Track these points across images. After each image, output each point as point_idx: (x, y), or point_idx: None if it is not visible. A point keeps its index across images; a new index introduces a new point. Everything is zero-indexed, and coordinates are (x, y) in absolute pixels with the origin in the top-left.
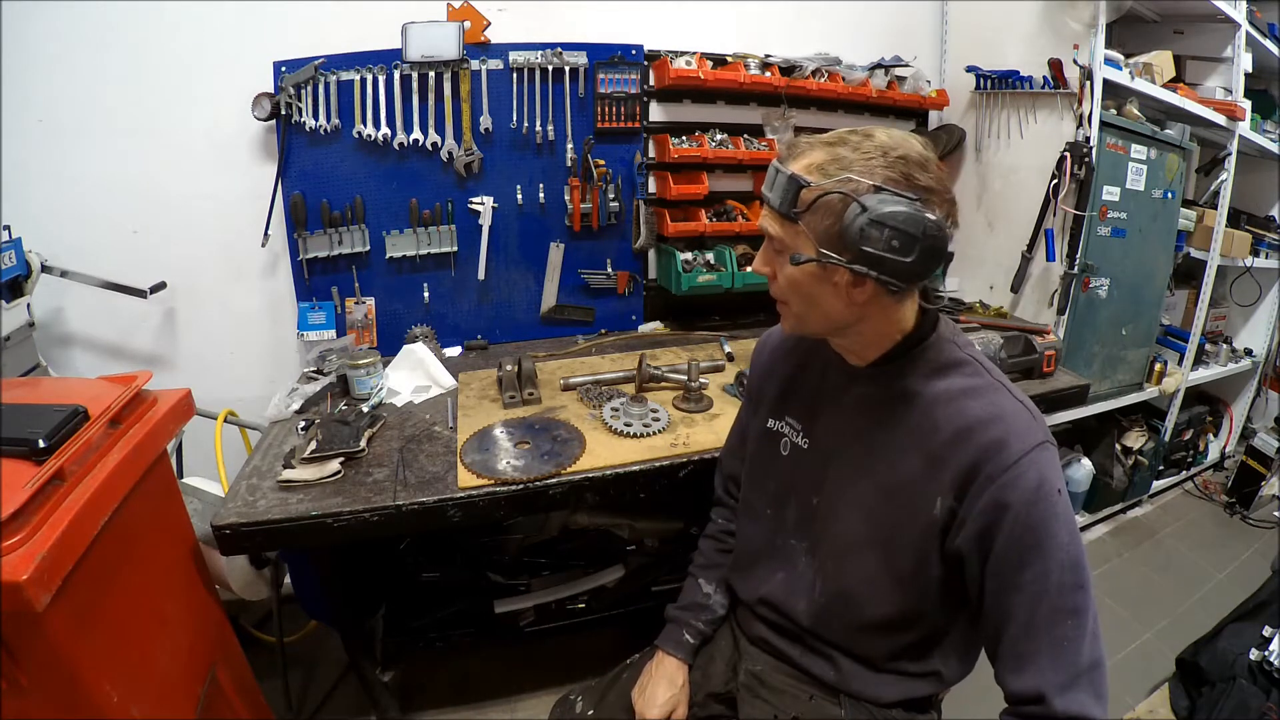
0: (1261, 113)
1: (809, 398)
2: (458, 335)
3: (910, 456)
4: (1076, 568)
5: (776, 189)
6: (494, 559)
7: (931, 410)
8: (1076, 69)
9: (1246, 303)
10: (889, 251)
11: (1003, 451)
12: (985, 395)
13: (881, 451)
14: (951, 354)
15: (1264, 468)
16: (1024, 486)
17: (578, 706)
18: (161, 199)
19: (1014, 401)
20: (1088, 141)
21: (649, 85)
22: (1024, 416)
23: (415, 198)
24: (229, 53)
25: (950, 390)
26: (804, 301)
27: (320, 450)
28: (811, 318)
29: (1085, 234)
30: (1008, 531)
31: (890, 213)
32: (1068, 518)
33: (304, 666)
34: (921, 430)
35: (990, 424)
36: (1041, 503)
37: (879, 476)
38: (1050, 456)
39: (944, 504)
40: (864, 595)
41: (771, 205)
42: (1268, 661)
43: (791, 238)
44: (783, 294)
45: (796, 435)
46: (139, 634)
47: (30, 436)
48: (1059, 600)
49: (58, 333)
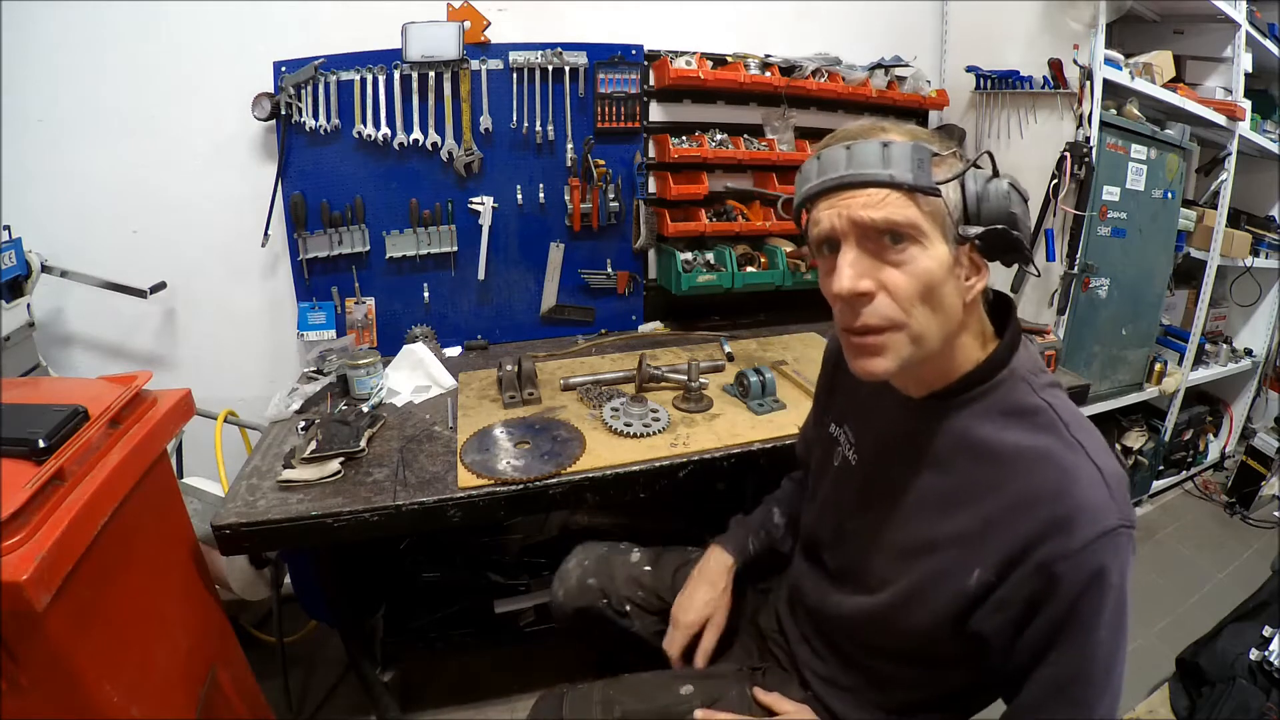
0: (1261, 113)
1: (865, 414)
2: (458, 335)
3: (958, 515)
4: (1108, 666)
5: (898, 161)
6: (494, 559)
7: (993, 467)
8: (1076, 69)
9: (1246, 303)
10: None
11: (1066, 535)
12: (1058, 459)
13: (927, 501)
14: (1023, 398)
15: (1264, 468)
16: (1079, 578)
17: (634, 555)
18: (161, 199)
19: (1091, 470)
20: (1088, 141)
21: (649, 85)
22: (1100, 491)
23: (415, 198)
24: (229, 53)
25: (1019, 447)
26: (932, 309)
27: (320, 450)
28: (933, 333)
29: (1085, 234)
30: (1047, 617)
31: (993, 180)
32: (1118, 616)
33: (304, 666)
34: (978, 487)
35: (1058, 499)
36: (1093, 598)
37: (917, 528)
38: (1121, 545)
39: (981, 578)
40: (867, 633)
41: (893, 181)
42: (1268, 661)
43: (926, 219)
44: (903, 309)
45: (849, 450)
46: (139, 634)
47: (30, 436)
48: (1078, 691)
49: (58, 333)
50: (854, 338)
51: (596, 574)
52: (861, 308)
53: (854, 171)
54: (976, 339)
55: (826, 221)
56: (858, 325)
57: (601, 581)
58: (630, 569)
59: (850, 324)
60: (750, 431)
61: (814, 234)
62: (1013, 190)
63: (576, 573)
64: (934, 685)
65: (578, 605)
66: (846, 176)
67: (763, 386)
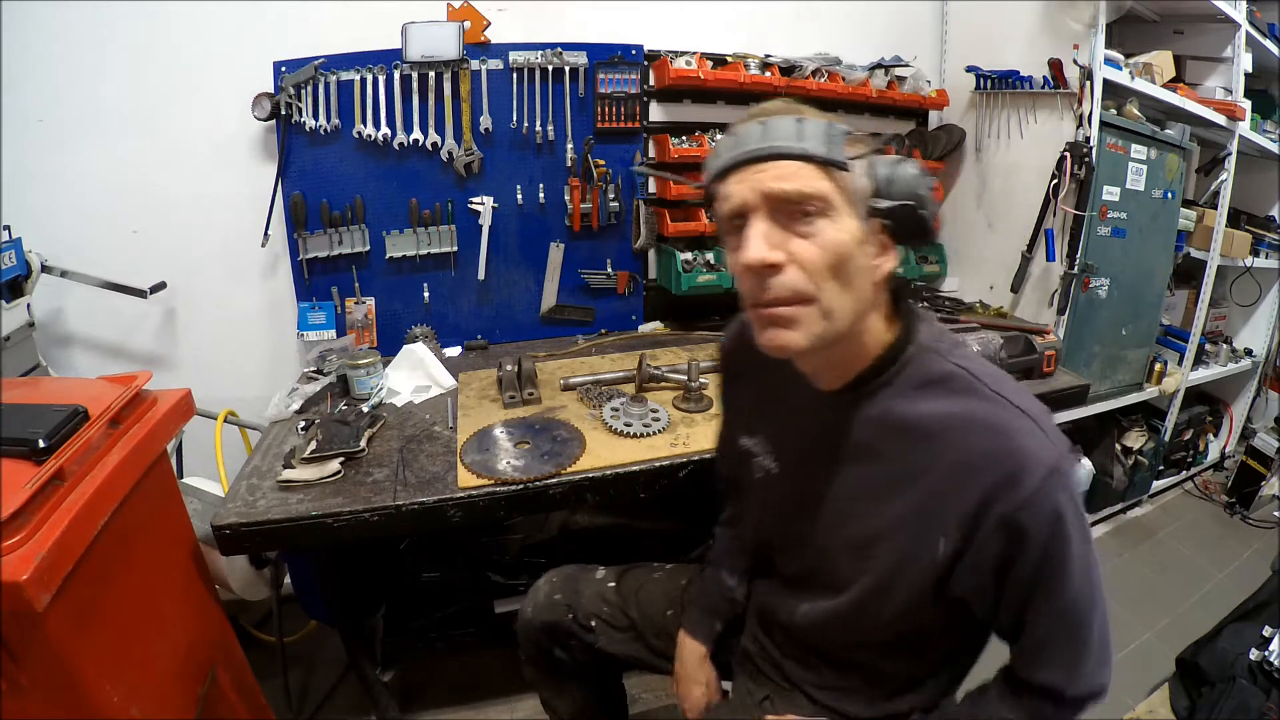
0: (1261, 113)
1: (778, 420)
2: (458, 335)
3: (902, 496)
4: (1090, 586)
5: (812, 135)
6: (494, 559)
7: (924, 442)
8: (1076, 69)
9: (1246, 303)
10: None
11: (1018, 487)
12: (985, 419)
13: (865, 492)
14: (936, 367)
15: (1264, 468)
16: (1040, 521)
17: (599, 573)
18: (161, 199)
19: (1019, 418)
20: (1088, 141)
21: (649, 85)
22: (1034, 436)
23: (415, 198)
24: (229, 53)
25: (943, 416)
26: (842, 285)
27: (320, 450)
28: (843, 310)
29: (1085, 234)
30: (1023, 563)
31: (899, 162)
32: (1082, 536)
33: (304, 666)
34: (914, 466)
35: (1000, 457)
36: (1058, 534)
37: (864, 520)
38: (1067, 476)
39: (947, 546)
40: (846, 632)
41: (806, 153)
42: (1268, 661)
43: (837, 194)
44: (813, 281)
45: (768, 459)
46: (139, 634)
47: (30, 436)
48: (1072, 617)
49: (58, 333)
50: (764, 310)
51: (563, 590)
52: (771, 279)
53: (768, 144)
54: (884, 322)
55: (737, 195)
56: (767, 298)
57: (568, 597)
58: (596, 586)
59: (760, 297)
60: None
61: (724, 209)
62: (921, 174)
63: (544, 589)
64: (926, 658)
65: (545, 620)
66: (761, 149)
67: None
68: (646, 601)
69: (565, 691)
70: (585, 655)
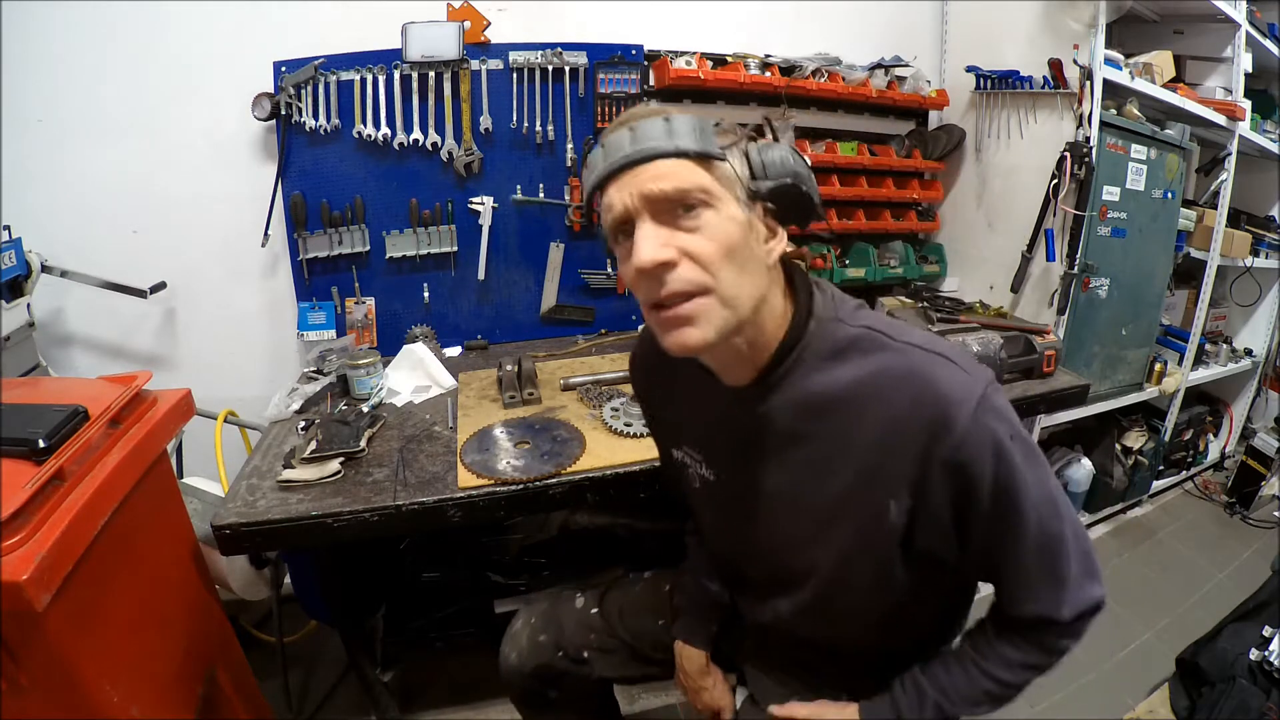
0: (1261, 113)
1: (700, 428)
2: (458, 335)
3: (839, 474)
4: (1050, 501)
5: (682, 132)
6: (494, 559)
7: (845, 411)
8: (1076, 69)
9: (1246, 303)
10: (794, 180)
11: (951, 426)
12: (899, 370)
13: (802, 477)
14: (840, 334)
15: (1264, 468)
16: (982, 451)
17: (579, 601)
18: (161, 199)
19: (934, 360)
20: (1088, 141)
21: (649, 85)
22: (950, 371)
23: (415, 198)
24: (229, 53)
25: (858, 380)
26: (737, 272)
27: (320, 450)
28: (743, 297)
29: (1085, 234)
30: (978, 499)
31: (771, 145)
32: (1029, 459)
33: (304, 666)
34: (843, 439)
35: (922, 405)
36: (1003, 460)
37: (809, 505)
38: (996, 402)
39: (899, 506)
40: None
41: (679, 150)
42: (1268, 661)
43: (715, 182)
44: (708, 272)
45: (701, 468)
46: (139, 634)
47: (30, 436)
48: (1042, 539)
49: (58, 333)
50: (664, 312)
51: (545, 629)
52: (666, 275)
53: (639, 148)
54: (783, 303)
55: (619, 204)
56: (664, 294)
57: (553, 635)
58: (577, 615)
59: (657, 296)
60: None
61: (608, 220)
62: (793, 153)
63: (525, 632)
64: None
65: (535, 664)
66: (633, 154)
67: None
68: (633, 620)
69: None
70: (581, 688)
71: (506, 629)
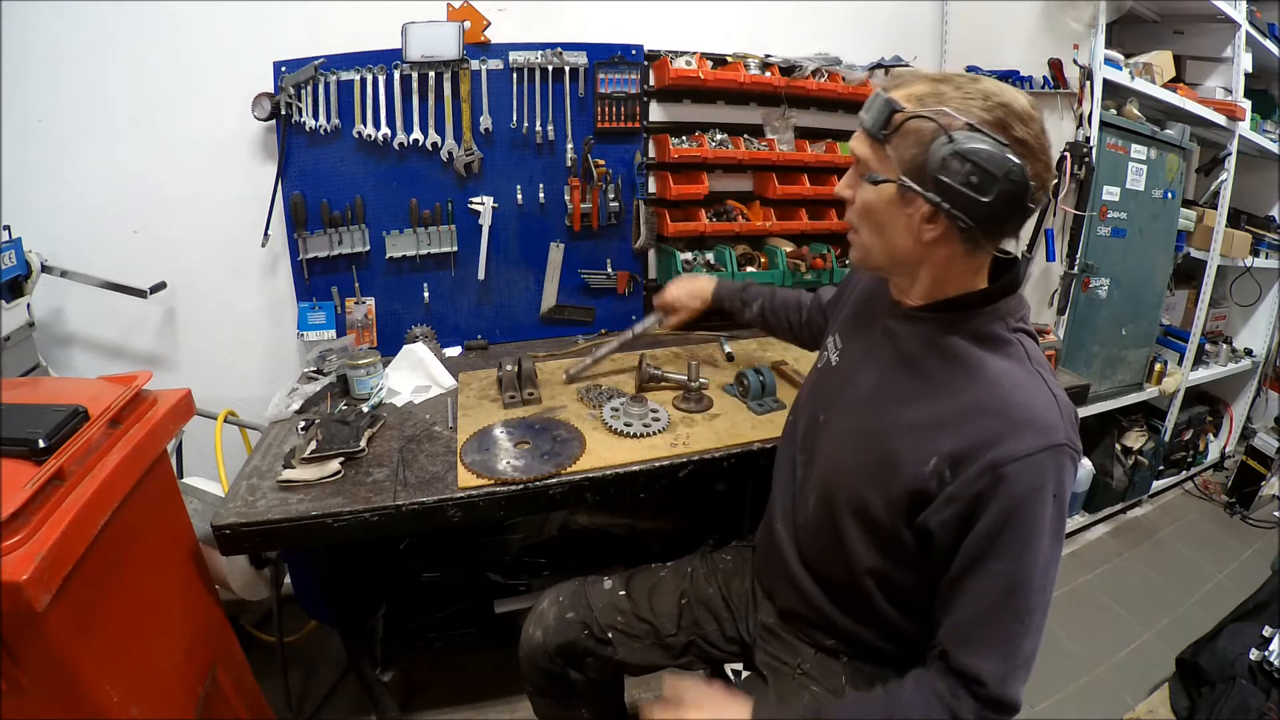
0: (1261, 113)
1: (854, 320)
2: (458, 335)
3: (920, 407)
4: (1045, 574)
5: (872, 110)
6: (494, 559)
7: (960, 372)
8: (1076, 69)
9: (1246, 303)
10: (966, 187)
11: (1017, 440)
12: (1018, 379)
13: (893, 391)
14: (998, 331)
15: (1264, 468)
16: (1024, 482)
17: (606, 583)
18: (161, 199)
19: (1048, 394)
20: (1088, 141)
21: (649, 85)
22: (1052, 413)
23: (415, 198)
24: (229, 53)
25: (985, 360)
26: (873, 230)
27: (320, 450)
28: (876, 249)
29: (1085, 234)
30: (992, 518)
31: (974, 149)
32: (1056, 527)
33: (304, 666)
34: (942, 387)
35: (1012, 408)
36: (1035, 505)
37: (881, 415)
38: (1062, 462)
39: (935, 467)
40: (838, 530)
41: (864, 126)
42: (1268, 661)
43: (877, 161)
44: (855, 219)
45: (834, 353)
46: (139, 634)
47: (30, 436)
48: (1019, 601)
49: (58, 333)
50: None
51: (574, 607)
52: (847, 209)
53: (862, 111)
54: (953, 278)
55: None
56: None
57: (581, 614)
58: (606, 596)
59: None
60: (750, 431)
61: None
62: (963, 159)
63: (553, 610)
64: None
65: (560, 642)
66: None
67: (763, 386)
68: (658, 600)
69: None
70: (600, 671)
71: (531, 610)
